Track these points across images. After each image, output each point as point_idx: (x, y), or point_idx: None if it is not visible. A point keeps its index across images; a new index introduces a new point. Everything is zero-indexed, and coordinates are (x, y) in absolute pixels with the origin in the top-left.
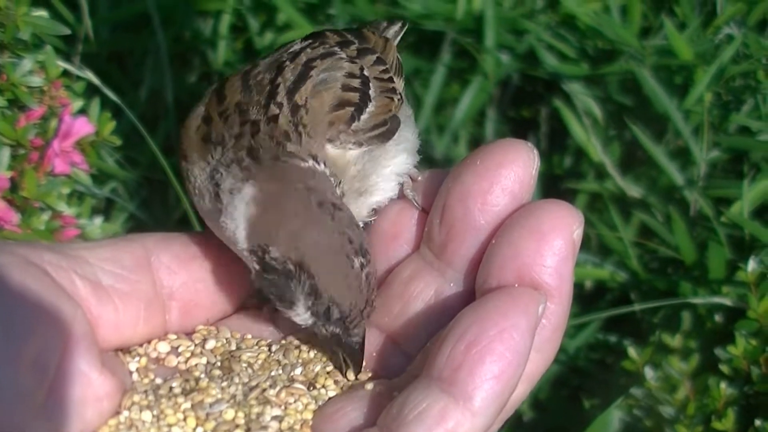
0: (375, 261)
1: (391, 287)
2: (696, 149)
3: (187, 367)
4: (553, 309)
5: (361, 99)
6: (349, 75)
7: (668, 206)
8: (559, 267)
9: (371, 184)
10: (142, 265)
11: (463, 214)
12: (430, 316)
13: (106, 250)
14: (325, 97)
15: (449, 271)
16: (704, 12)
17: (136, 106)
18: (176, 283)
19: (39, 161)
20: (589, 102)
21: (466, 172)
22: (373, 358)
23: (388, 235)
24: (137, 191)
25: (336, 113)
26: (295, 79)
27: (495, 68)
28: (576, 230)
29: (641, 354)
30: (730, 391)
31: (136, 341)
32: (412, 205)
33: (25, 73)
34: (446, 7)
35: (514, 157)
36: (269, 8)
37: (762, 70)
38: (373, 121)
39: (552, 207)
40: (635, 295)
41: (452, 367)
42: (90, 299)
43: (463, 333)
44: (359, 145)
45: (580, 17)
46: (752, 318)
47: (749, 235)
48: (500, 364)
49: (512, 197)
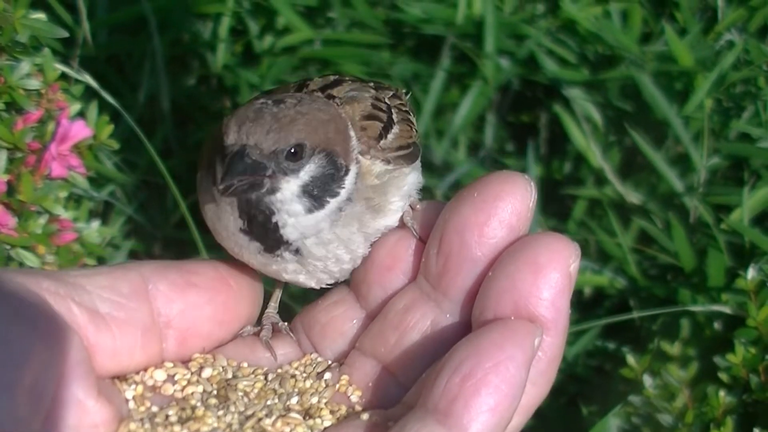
0: None
1: (388, 317)
2: (696, 156)
3: (183, 395)
4: (549, 341)
5: (387, 120)
6: (375, 99)
7: (668, 213)
8: (555, 300)
9: (388, 201)
10: (140, 293)
11: (460, 246)
12: (426, 347)
13: (103, 278)
14: (357, 106)
15: (446, 303)
16: (705, 18)
17: (135, 110)
18: (173, 311)
19: (36, 164)
20: (589, 107)
21: (463, 203)
22: (369, 388)
23: (385, 265)
24: (135, 194)
25: (367, 122)
26: (325, 84)
27: (495, 73)
28: (572, 263)
29: (640, 361)
30: (728, 400)
31: (132, 369)
32: (411, 234)
33: (23, 76)
34: (446, 12)
35: (512, 189)
36: (269, 11)
37: (763, 77)
38: (398, 142)
39: (549, 240)
40: (634, 301)
41: (448, 398)
42: (87, 327)
43: (459, 365)
44: (387, 162)
45: (581, 22)
46: (751, 326)
47: (749, 243)
48: (496, 396)
49: (509, 230)
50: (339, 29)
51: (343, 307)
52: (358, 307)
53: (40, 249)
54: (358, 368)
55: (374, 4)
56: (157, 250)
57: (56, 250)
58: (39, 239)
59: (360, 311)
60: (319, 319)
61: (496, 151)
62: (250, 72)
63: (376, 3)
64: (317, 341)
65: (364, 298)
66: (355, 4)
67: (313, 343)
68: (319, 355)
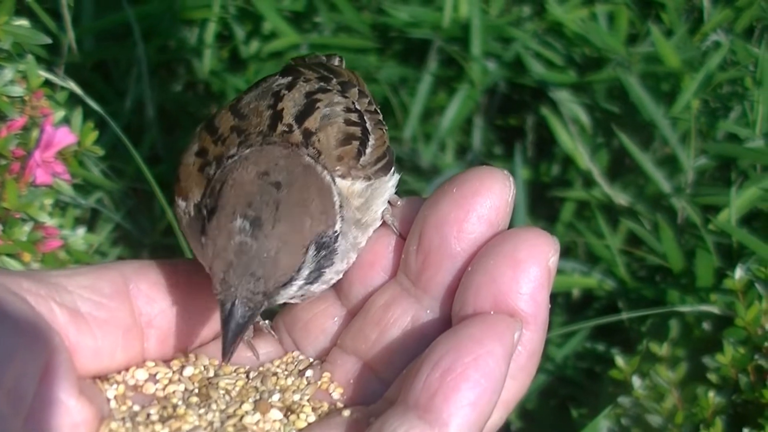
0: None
1: (368, 314)
2: (683, 156)
3: (164, 394)
4: (528, 336)
5: (362, 133)
6: (347, 110)
7: (656, 214)
8: (534, 294)
9: (372, 215)
10: (121, 293)
11: (439, 242)
12: (406, 342)
13: (85, 278)
14: (330, 131)
15: (426, 298)
16: (691, 19)
17: (122, 117)
18: (154, 310)
19: (20, 172)
20: (577, 110)
21: (442, 199)
22: (350, 385)
23: (366, 262)
24: (123, 202)
25: (344, 148)
26: (302, 110)
27: (482, 76)
28: (552, 257)
29: (629, 363)
30: (718, 400)
31: (114, 368)
32: (391, 231)
33: (6, 83)
34: (433, 15)
35: (490, 184)
36: (255, 17)
37: (749, 77)
38: (376, 154)
39: (528, 234)
40: (623, 303)
41: (428, 393)
42: (68, 327)
43: (438, 360)
44: (367, 179)
45: (567, 25)
46: (740, 326)
47: (737, 243)
48: (476, 390)
49: (488, 225)
50: (326, 34)
51: (324, 305)
52: (339, 304)
53: (26, 256)
54: (339, 365)
55: (361, 9)
56: (144, 257)
57: (42, 257)
58: (24, 247)
59: (341, 308)
60: (301, 317)
61: (484, 154)
62: (236, 77)
63: (363, 7)
64: (299, 339)
65: (345, 295)
66: (341, 9)
67: (295, 341)
68: (300, 352)
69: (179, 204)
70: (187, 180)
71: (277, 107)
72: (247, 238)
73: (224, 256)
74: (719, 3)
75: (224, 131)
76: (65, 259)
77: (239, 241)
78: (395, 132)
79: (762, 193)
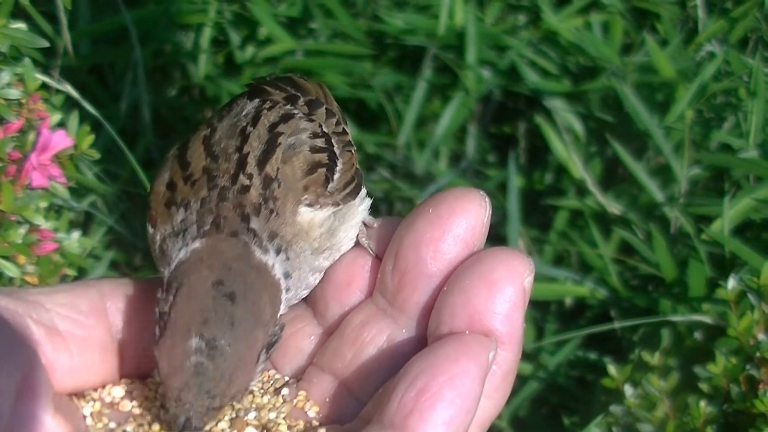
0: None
1: (344, 333)
2: (677, 166)
3: (141, 411)
4: (503, 356)
5: (329, 158)
6: (313, 135)
7: (649, 223)
8: (510, 314)
9: (337, 240)
10: (98, 311)
11: (415, 262)
12: (382, 362)
13: (62, 296)
14: (296, 162)
15: (402, 318)
16: (686, 29)
17: (117, 120)
18: (132, 328)
19: (16, 174)
20: (571, 118)
21: (418, 220)
22: (326, 404)
23: (342, 282)
24: (116, 205)
25: (309, 177)
26: (265, 149)
27: (476, 84)
28: (527, 278)
29: (621, 371)
30: (709, 410)
31: (90, 386)
32: (367, 252)
33: (3, 86)
34: (428, 23)
35: (467, 205)
36: (250, 22)
37: (743, 88)
38: (344, 179)
39: (503, 255)
40: (615, 312)
41: (403, 413)
42: (45, 344)
43: (414, 379)
44: (336, 205)
45: (562, 34)
46: (732, 336)
47: (730, 253)
48: (450, 410)
49: (464, 245)
50: (321, 40)
51: (300, 324)
52: (316, 323)
53: (21, 259)
54: (315, 384)
55: (356, 15)
56: (137, 260)
57: (36, 260)
58: (19, 249)
59: (317, 327)
60: None
61: (478, 162)
62: (231, 82)
63: (359, 14)
64: (275, 358)
65: (322, 314)
66: (337, 15)
67: (272, 360)
68: (277, 371)
69: (149, 230)
70: (156, 209)
71: (243, 150)
72: (203, 359)
73: (180, 376)
74: (714, 13)
75: (195, 170)
76: (60, 262)
77: (195, 361)
78: (389, 139)
79: (755, 204)
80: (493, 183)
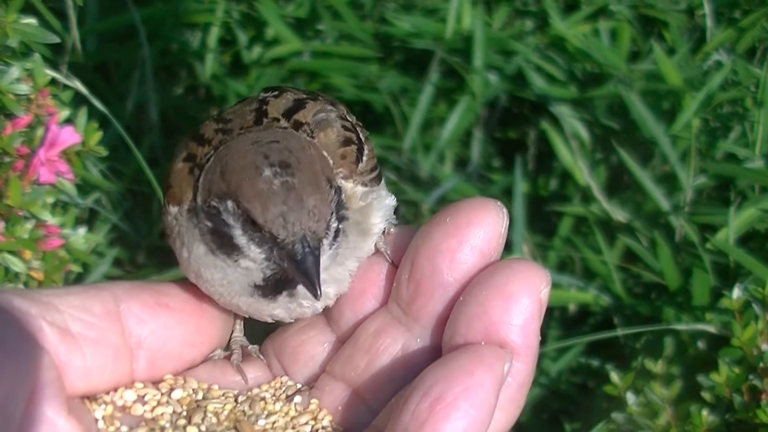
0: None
1: (358, 342)
2: (683, 175)
3: (153, 416)
4: (518, 367)
5: (358, 141)
6: (341, 118)
7: (653, 231)
8: (525, 326)
9: (371, 223)
10: (111, 314)
11: (431, 271)
12: (396, 371)
13: (75, 298)
14: (330, 133)
15: (416, 327)
16: (693, 38)
17: (123, 118)
18: (144, 332)
19: (24, 170)
20: (577, 125)
21: (435, 229)
22: (339, 412)
23: (357, 290)
24: (121, 203)
25: (345, 149)
26: (291, 106)
27: (483, 88)
28: (543, 290)
29: (623, 379)
30: (711, 419)
31: (103, 389)
32: (383, 258)
33: (13, 81)
34: (435, 27)
35: (484, 215)
36: (258, 22)
37: (750, 98)
38: (370, 164)
39: (520, 266)
40: (618, 319)
41: (417, 422)
42: (58, 346)
43: (428, 389)
44: (365, 186)
45: (569, 40)
46: (735, 346)
47: (734, 263)
48: (465, 421)
49: (481, 255)
50: (328, 42)
51: (314, 331)
52: (329, 330)
53: (27, 254)
54: (328, 392)
55: (364, 17)
56: (141, 258)
57: (42, 255)
58: (26, 244)
59: (331, 335)
60: (290, 343)
61: (483, 167)
62: (238, 82)
63: (366, 16)
64: (288, 364)
65: (335, 322)
66: (344, 17)
67: (284, 367)
68: (289, 378)
69: (170, 211)
70: (179, 184)
71: (263, 108)
72: (286, 178)
73: (276, 198)
74: (722, 23)
75: (209, 135)
76: (65, 258)
77: (281, 182)
78: (394, 141)
79: (760, 214)
80: (498, 188)
